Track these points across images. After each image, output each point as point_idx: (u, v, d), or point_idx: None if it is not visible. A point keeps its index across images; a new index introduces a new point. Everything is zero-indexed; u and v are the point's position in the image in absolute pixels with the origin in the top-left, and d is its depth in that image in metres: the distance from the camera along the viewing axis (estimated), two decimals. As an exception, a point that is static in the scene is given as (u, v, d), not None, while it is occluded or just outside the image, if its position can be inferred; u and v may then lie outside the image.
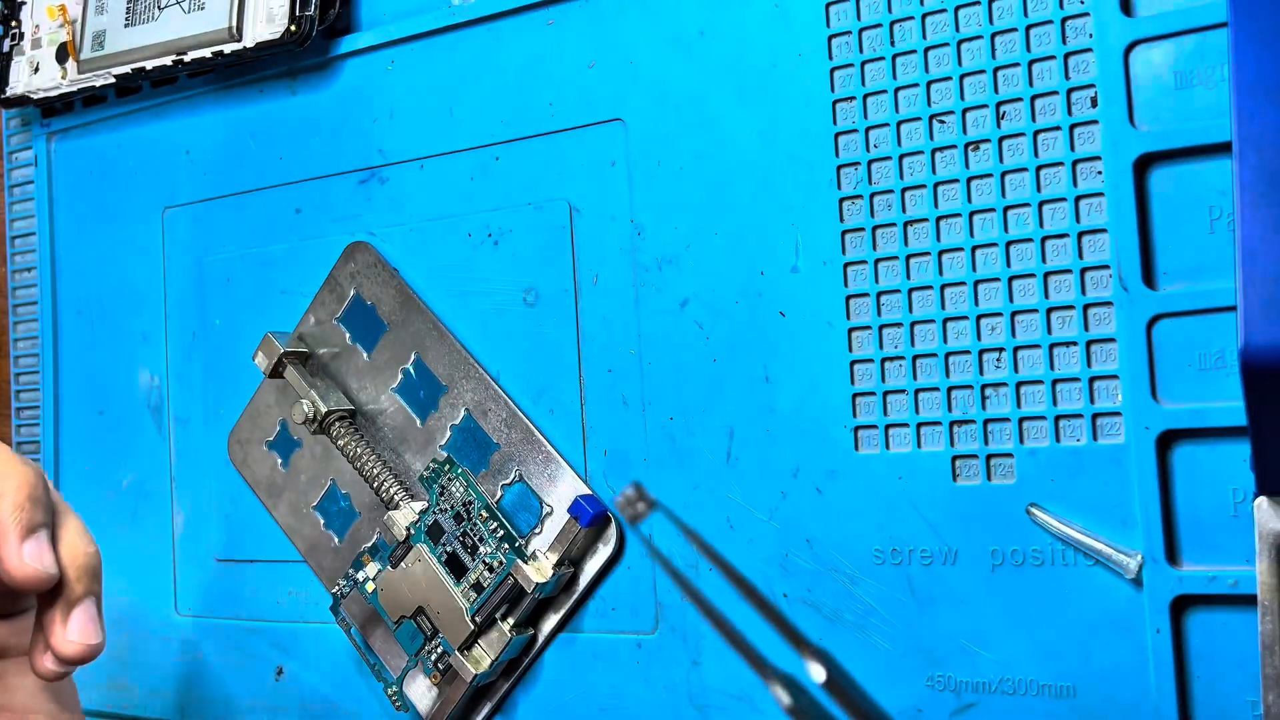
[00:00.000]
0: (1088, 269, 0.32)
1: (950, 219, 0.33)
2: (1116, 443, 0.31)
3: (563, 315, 0.39)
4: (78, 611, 0.35)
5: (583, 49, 0.39)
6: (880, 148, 0.34)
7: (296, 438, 0.45)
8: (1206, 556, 0.30)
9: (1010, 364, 0.33)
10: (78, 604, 0.35)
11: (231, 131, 0.47)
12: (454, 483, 0.40)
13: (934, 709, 0.34)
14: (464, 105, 0.42)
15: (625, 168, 0.38)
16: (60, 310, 0.51)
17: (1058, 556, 0.32)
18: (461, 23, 0.41)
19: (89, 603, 0.35)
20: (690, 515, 0.37)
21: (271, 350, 0.43)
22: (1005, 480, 0.33)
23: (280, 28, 0.43)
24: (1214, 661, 0.30)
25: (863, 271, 0.35)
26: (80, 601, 0.35)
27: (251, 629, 0.46)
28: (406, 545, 0.40)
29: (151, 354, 0.49)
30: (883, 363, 0.34)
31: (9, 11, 0.50)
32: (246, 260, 0.46)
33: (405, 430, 0.42)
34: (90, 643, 0.34)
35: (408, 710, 0.41)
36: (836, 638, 0.35)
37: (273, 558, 0.45)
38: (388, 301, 0.42)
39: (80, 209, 0.51)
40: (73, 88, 0.48)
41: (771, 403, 0.36)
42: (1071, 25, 0.32)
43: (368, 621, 0.41)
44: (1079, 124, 0.32)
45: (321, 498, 0.44)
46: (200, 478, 0.47)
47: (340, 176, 0.44)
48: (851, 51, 0.35)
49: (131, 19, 0.46)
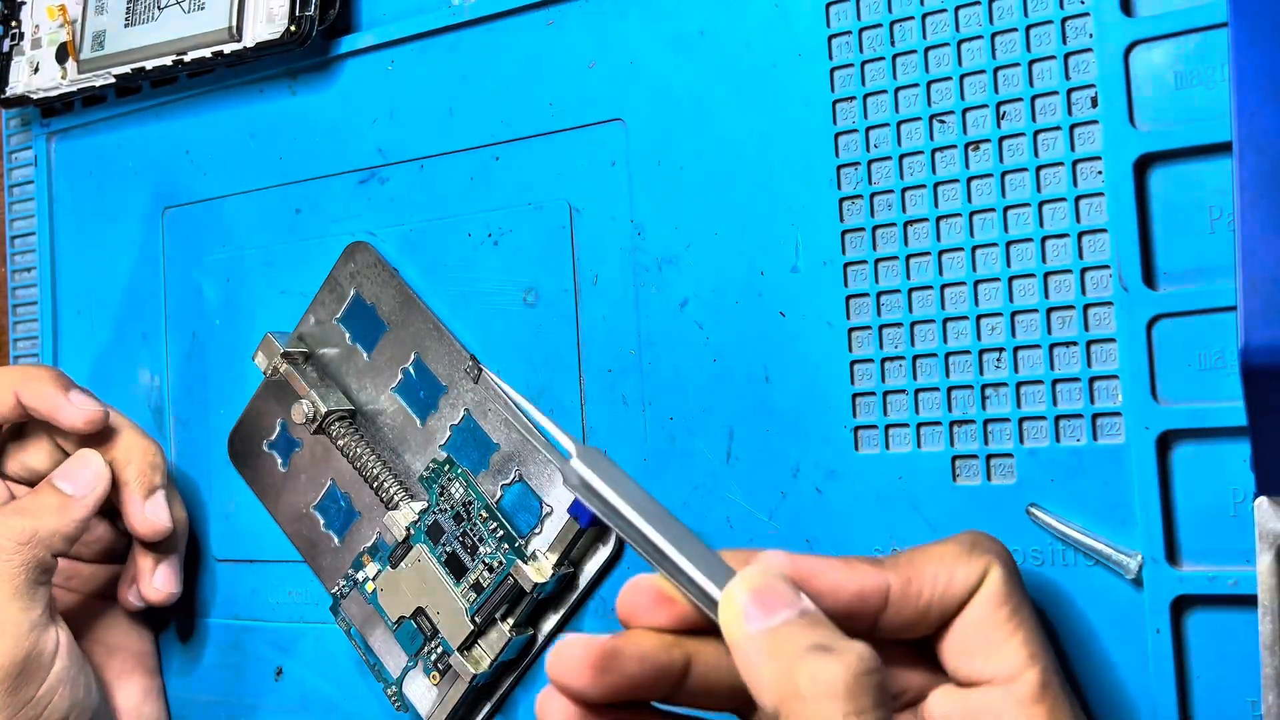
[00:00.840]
0: (1088, 269, 0.32)
1: (950, 219, 0.33)
2: (1116, 443, 0.31)
3: (563, 315, 0.39)
4: (164, 564, 0.44)
5: (583, 49, 0.39)
6: (880, 148, 0.34)
7: (296, 438, 0.45)
8: (1206, 556, 0.30)
9: (1010, 364, 0.33)
10: (165, 558, 0.44)
11: (231, 131, 0.47)
12: (454, 483, 0.40)
13: (934, 709, 0.34)
14: (464, 105, 0.42)
15: (625, 168, 0.38)
16: (60, 310, 0.51)
17: (1058, 556, 0.32)
18: (461, 23, 0.41)
19: (174, 558, 0.44)
20: (690, 515, 0.37)
21: (271, 350, 0.43)
22: (1005, 480, 0.33)
23: (280, 28, 0.43)
24: (1214, 661, 0.30)
25: (863, 271, 0.35)
26: (168, 556, 0.44)
27: (251, 629, 0.46)
28: (406, 545, 0.40)
29: (151, 354, 0.49)
30: (883, 363, 0.34)
31: (9, 11, 0.50)
32: (246, 260, 0.46)
33: (405, 430, 0.42)
34: (171, 590, 0.44)
35: (408, 710, 0.41)
36: (836, 638, 0.35)
37: (273, 558, 0.45)
38: (388, 301, 0.42)
39: (80, 209, 0.51)
40: (73, 88, 0.48)
41: (771, 403, 0.36)
42: (1071, 25, 0.32)
43: (368, 621, 0.41)
44: (1079, 124, 0.32)
45: (321, 498, 0.44)
46: (200, 478, 0.47)
47: (340, 176, 0.44)
48: (851, 51, 0.35)
49: (131, 19, 0.46)
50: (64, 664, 0.39)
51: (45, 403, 0.41)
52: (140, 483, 0.42)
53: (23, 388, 0.41)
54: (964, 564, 0.28)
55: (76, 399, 0.41)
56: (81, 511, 0.40)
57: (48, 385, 0.41)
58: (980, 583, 0.28)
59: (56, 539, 0.39)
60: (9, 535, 0.38)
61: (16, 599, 0.38)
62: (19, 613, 0.38)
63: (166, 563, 0.44)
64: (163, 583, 0.43)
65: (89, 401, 0.42)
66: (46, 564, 0.39)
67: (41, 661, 0.38)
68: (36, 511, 0.39)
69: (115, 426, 0.43)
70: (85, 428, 0.41)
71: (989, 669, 0.28)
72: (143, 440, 0.43)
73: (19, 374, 0.42)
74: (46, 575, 0.39)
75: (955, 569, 0.28)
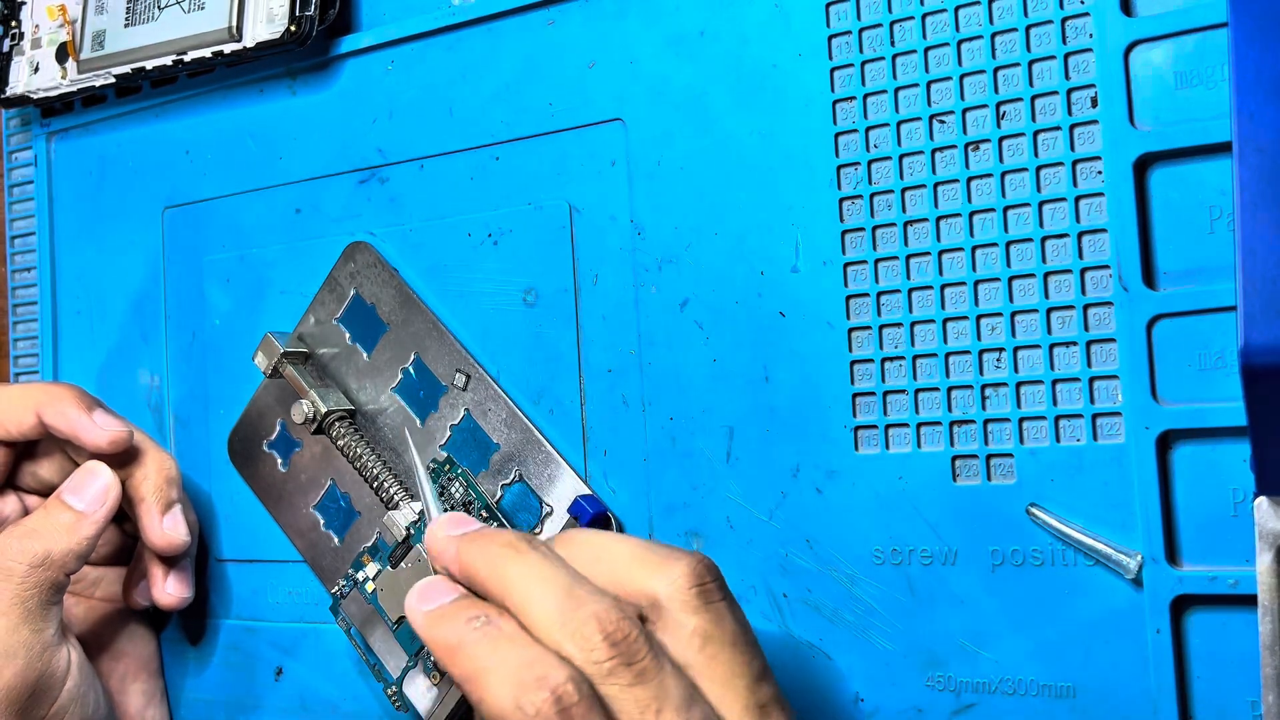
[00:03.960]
0: (1088, 269, 0.32)
1: (950, 219, 0.33)
2: (1116, 443, 0.31)
3: (563, 315, 0.39)
4: (176, 570, 0.44)
5: (583, 49, 0.39)
6: (880, 148, 0.34)
7: (296, 438, 0.45)
8: (1206, 556, 0.30)
9: (1010, 364, 0.33)
10: (177, 563, 0.44)
11: (231, 131, 0.47)
12: (454, 483, 0.40)
13: (934, 709, 0.34)
14: (464, 105, 0.42)
15: (625, 168, 0.38)
16: (60, 310, 0.51)
17: (1058, 556, 0.32)
18: (461, 23, 0.41)
19: (186, 562, 0.44)
20: (690, 515, 0.37)
21: (271, 350, 0.43)
22: (1005, 480, 0.33)
23: (280, 28, 0.43)
24: (1214, 661, 0.30)
25: (863, 271, 0.35)
26: (180, 561, 0.44)
27: (251, 629, 0.46)
28: (406, 545, 0.40)
29: (151, 354, 0.49)
30: (883, 363, 0.34)
31: (9, 11, 0.50)
32: (246, 260, 0.46)
33: (405, 430, 0.42)
34: (184, 595, 0.44)
35: (408, 710, 0.41)
36: (836, 638, 0.35)
37: (273, 558, 0.45)
38: (388, 301, 0.42)
39: (80, 209, 0.51)
40: (73, 88, 0.48)
41: (771, 403, 0.36)
42: (1071, 25, 0.32)
43: (367, 621, 0.41)
44: (1079, 124, 0.32)
45: (321, 498, 0.44)
46: (200, 478, 0.47)
47: (340, 176, 0.44)
48: (851, 51, 0.35)
49: (131, 19, 0.46)
50: (75, 682, 0.39)
51: (69, 424, 0.41)
52: (157, 498, 0.42)
53: (45, 407, 0.41)
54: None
55: (101, 419, 0.41)
56: (92, 529, 0.40)
57: (71, 406, 0.41)
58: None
59: (69, 559, 0.39)
60: (22, 559, 0.38)
61: (28, 621, 0.38)
62: (31, 635, 0.38)
63: (179, 568, 0.44)
64: (175, 588, 0.43)
65: (113, 422, 0.41)
66: (59, 584, 0.39)
67: (53, 681, 0.38)
68: (48, 532, 0.39)
69: (133, 443, 0.42)
70: (110, 449, 0.41)
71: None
72: (158, 455, 0.43)
73: (41, 392, 0.41)
74: (59, 595, 0.39)
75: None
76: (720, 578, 0.29)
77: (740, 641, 0.29)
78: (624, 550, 0.30)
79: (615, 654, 0.27)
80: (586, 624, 0.27)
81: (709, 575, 0.29)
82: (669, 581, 0.29)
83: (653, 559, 0.29)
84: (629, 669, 0.27)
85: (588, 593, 0.28)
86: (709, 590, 0.29)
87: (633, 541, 0.31)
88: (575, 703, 0.26)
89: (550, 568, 0.29)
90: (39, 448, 0.44)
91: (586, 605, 0.28)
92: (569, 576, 0.29)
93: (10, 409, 0.41)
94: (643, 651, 0.27)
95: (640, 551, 0.30)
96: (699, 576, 0.29)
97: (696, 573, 0.29)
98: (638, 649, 0.27)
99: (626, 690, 0.27)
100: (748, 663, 0.28)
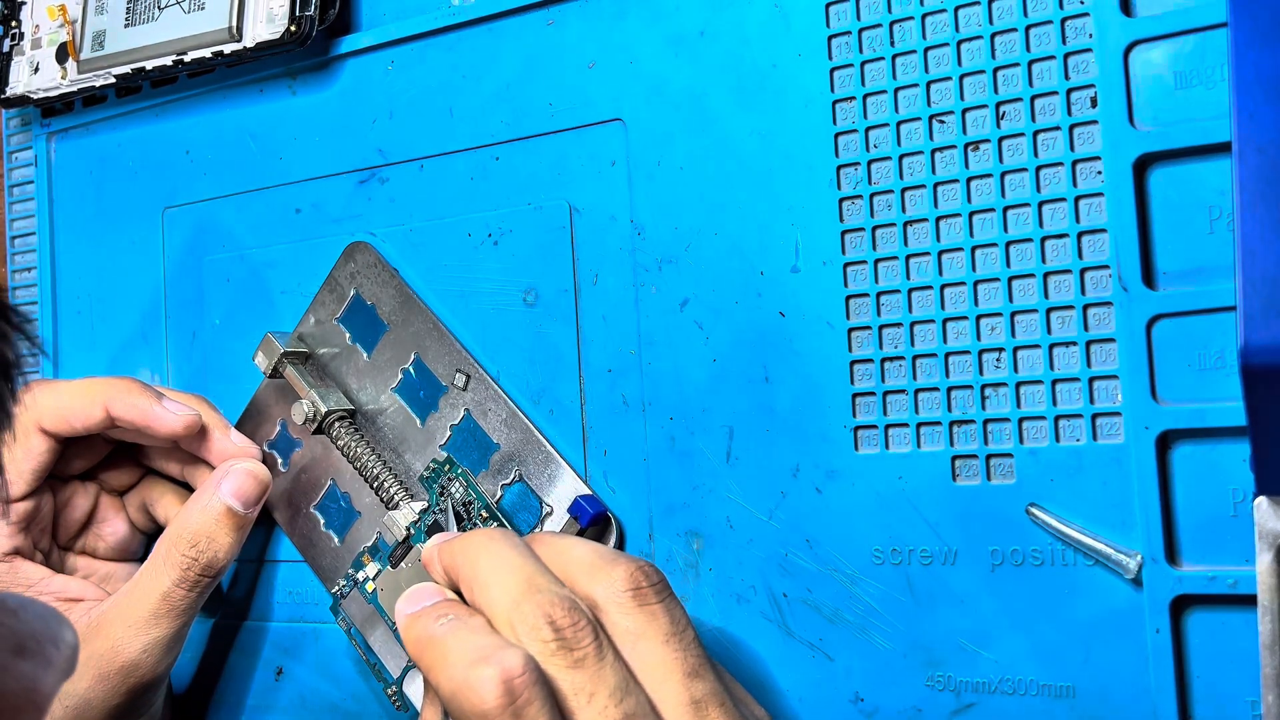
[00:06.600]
0: (1087, 269, 0.32)
1: (950, 219, 0.33)
2: (1116, 443, 0.31)
3: (563, 315, 0.39)
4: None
5: (583, 49, 0.39)
6: (880, 148, 0.34)
7: (296, 438, 0.45)
8: (1206, 556, 0.30)
9: (1010, 364, 0.33)
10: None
11: (231, 131, 0.47)
12: (454, 483, 0.40)
13: (934, 709, 0.34)
14: (464, 105, 0.42)
15: (625, 168, 0.38)
16: (60, 310, 0.51)
17: (1058, 556, 0.32)
18: (461, 23, 0.41)
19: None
20: (690, 515, 0.37)
21: (271, 350, 0.43)
22: (1005, 480, 0.33)
23: (280, 28, 0.43)
24: (1214, 661, 0.30)
25: (863, 271, 0.35)
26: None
27: (251, 629, 0.46)
28: (406, 545, 0.40)
29: (151, 354, 0.49)
30: (883, 363, 0.34)
31: (9, 11, 0.50)
32: (246, 260, 0.46)
33: (405, 430, 0.42)
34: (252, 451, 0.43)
35: (408, 710, 0.41)
36: (836, 637, 0.35)
37: (273, 558, 0.45)
38: (388, 301, 0.42)
39: (80, 209, 0.51)
40: (73, 88, 0.48)
41: (771, 403, 0.36)
42: (1071, 25, 0.32)
43: (368, 621, 0.41)
44: (1079, 124, 0.32)
45: (321, 498, 0.44)
46: (200, 478, 0.47)
47: (340, 177, 0.44)
48: (851, 51, 0.35)
49: (131, 19, 0.46)
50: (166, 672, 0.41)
51: (141, 414, 0.40)
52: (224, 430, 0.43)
53: (114, 401, 0.40)
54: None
55: (171, 405, 0.40)
56: (246, 533, 0.41)
57: (139, 396, 0.40)
58: None
59: (229, 564, 0.40)
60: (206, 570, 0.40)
61: (185, 629, 0.40)
62: (177, 638, 0.40)
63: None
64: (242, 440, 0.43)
65: (182, 406, 0.41)
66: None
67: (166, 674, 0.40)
68: (221, 540, 0.40)
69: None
70: (185, 433, 0.41)
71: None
72: (203, 405, 0.43)
73: (106, 386, 0.40)
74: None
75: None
76: (660, 582, 0.31)
77: (674, 640, 0.30)
78: (579, 553, 0.32)
79: (557, 639, 0.29)
80: (536, 610, 0.30)
81: (645, 580, 0.31)
82: (607, 584, 0.31)
83: (600, 563, 0.32)
84: (570, 654, 0.29)
85: (547, 583, 0.31)
86: (644, 593, 0.31)
87: (589, 546, 0.33)
88: (519, 677, 0.28)
89: (518, 558, 0.32)
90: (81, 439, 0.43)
91: (542, 594, 0.30)
92: (533, 568, 0.31)
93: (76, 404, 0.40)
94: (586, 640, 0.29)
95: (591, 556, 0.32)
96: (635, 581, 0.31)
97: (633, 577, 0.31)
98: (581, 637, 0.29)
99: (566, 672, 0.29)
100: (680, 659, 0.30)
